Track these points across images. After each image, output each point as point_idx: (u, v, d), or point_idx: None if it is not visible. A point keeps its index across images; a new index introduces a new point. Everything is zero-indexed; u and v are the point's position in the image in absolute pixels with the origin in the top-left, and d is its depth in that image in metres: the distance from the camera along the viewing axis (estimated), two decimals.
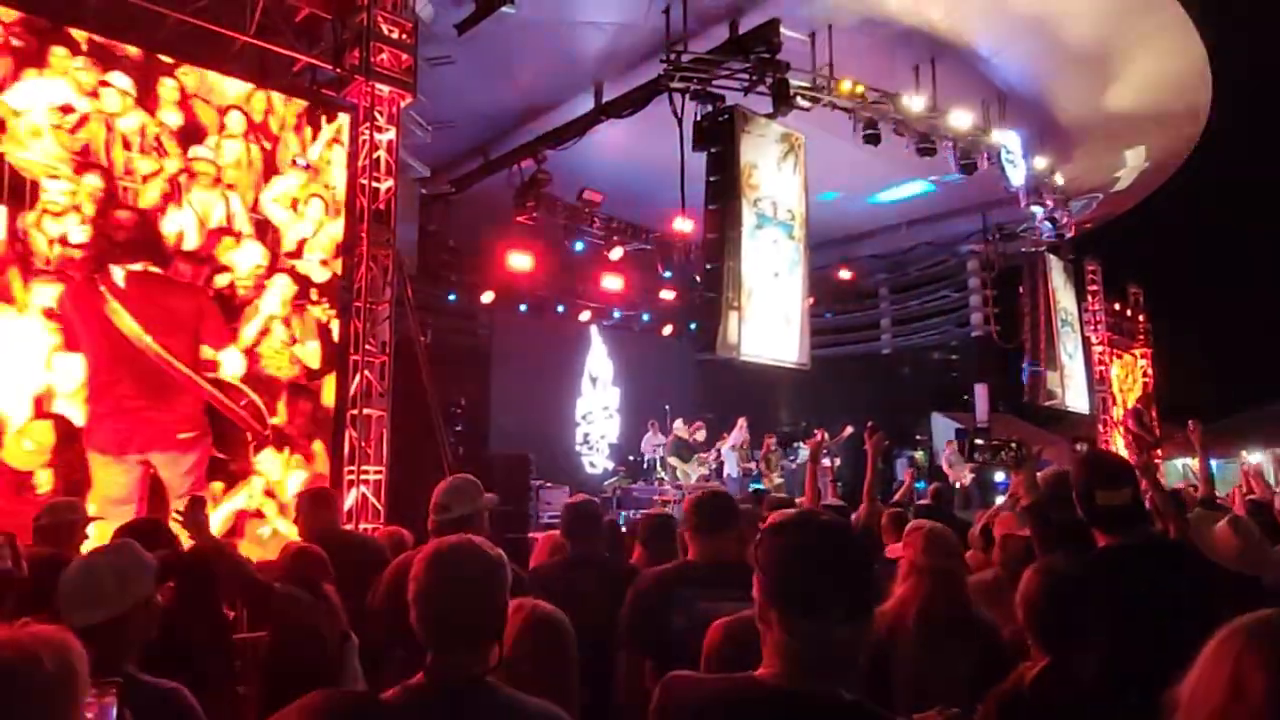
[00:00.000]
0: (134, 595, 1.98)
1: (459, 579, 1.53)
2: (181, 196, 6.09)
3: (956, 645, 2.47)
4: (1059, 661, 2.04)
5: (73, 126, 5.70)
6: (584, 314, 15.10)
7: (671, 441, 11.68)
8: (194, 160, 6.14)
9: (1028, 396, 13.81)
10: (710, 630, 2.20)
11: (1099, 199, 13.81)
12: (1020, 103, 11.02)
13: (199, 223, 6.18)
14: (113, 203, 5.79)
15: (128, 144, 5.95)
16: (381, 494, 6.57)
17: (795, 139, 9.65)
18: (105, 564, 2.04)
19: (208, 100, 6.26)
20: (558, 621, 1.95)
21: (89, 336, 5.59)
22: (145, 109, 5.96)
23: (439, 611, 1.52)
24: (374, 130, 6.80)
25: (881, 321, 17.18)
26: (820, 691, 1.31)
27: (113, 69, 5.83)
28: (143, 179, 5.97)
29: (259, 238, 6.43)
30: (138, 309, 5.74)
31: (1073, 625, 2.06)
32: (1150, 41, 10.04)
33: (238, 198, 6.36)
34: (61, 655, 1.17)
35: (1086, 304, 15.79)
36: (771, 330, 9.29)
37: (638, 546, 3.91)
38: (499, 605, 1.58)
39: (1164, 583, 2.31)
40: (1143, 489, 2.71)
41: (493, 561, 1.58)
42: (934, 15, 9.20)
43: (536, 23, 8.63)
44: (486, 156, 11.62)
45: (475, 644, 1.53)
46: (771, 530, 1.41)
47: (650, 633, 2.55)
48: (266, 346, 6.48)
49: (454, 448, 9.10)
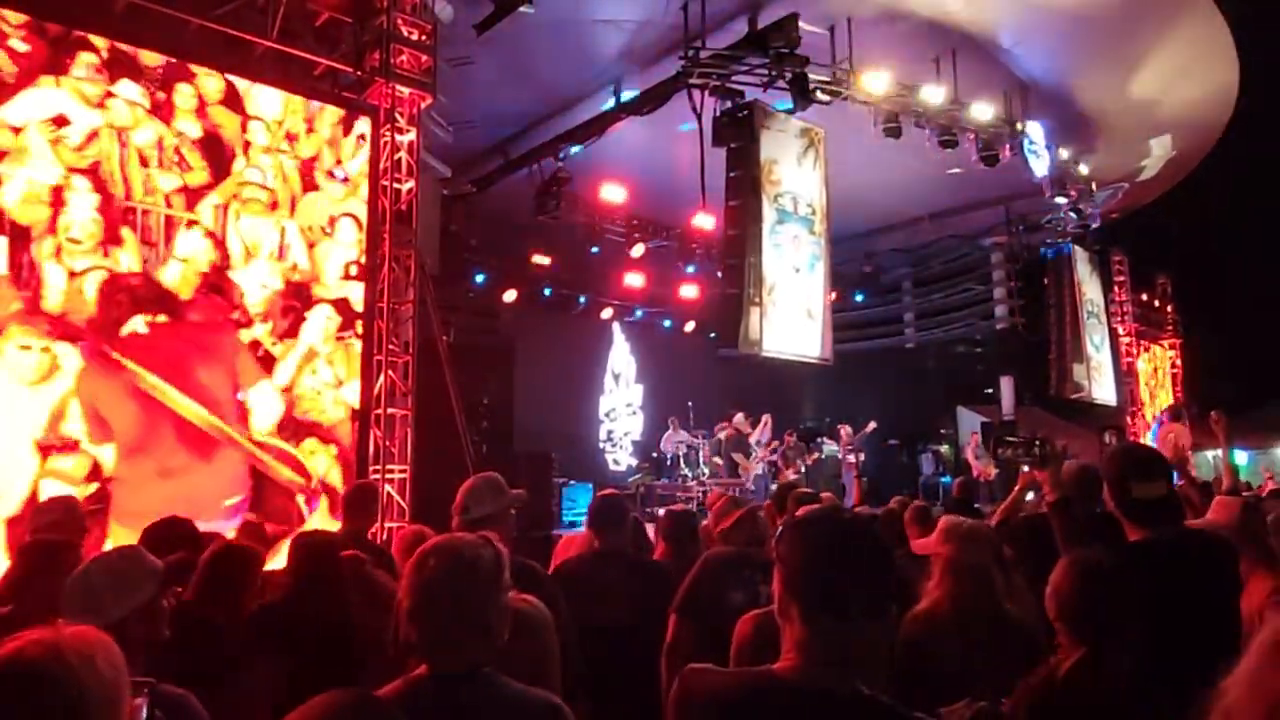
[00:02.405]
0: (130, 602, 1.96)
1: (442, 578, 1.59)
2: (219, 219, 5.77)
3: (994, 642, 2.45)
4: (1093, 654, 2.01)
5: (80, 143, 5.34)
6: (606, 311, 15.12)
7: (734, 436, 11.66)
8: (244, 185, 5.82)
9: (1054, 389, 13.66)
10: (740, 623, 2.22)
11: (1125, 188, 13.61)
12: (1043, 93, 10.89)
13: (245, 252, 5.89)
14: (114, 230, 5.39)
15: (144, 159, 5.60)
16: (406, 492, 6.64)
17: (815, 134, 9.61)
18: (102, 570, 2.03)
19: (233, 109, 5.98)
20: (536, 614, 1.97)
21: (114, 401, 5.24)
22: (160, 118, 5.69)
23: (425, 610, 1.58)
24: (395, 131, 6.86)
25: (905, 315, 17.05)
26: (838, 686, 1.31)
27: (124, 77, 5.53)
28: (165, 198, 5.62)
29: (296, 262, 6.13)
30: (167, 360, 5.39)
31: (1107, 618, 2.03)
32: (1174, 27, 9.87)
33: (294, 226, 6.04)
34: (110, 657, 1.20)
35: (1113, 295, 15.58)
36: (793, 325, 9.26)
37: (660, 542, 3.95)
38: (487, 601, 1.61)
39: (1198, 576, 2.29)
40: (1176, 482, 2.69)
41: (479, 560, 1.63)
42: (954, 6, 9.11)
43: (555, 22, 8.65)
44: (507, 156, 11.67)
45: (466, 638, 1.58)
46: (793, 525, 1.43)
47: (707, 604, 2.62)
48: (307, 387, 6.13)
49: (478, 446, 9.16)
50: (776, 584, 1.40)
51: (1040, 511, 3.45)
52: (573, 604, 2.66)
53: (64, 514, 3.87)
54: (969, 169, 10.99)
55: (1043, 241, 14.12)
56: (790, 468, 11.90)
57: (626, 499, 4.29)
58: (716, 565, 2.71)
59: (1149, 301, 17.33)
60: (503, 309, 13.47)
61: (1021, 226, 14.22)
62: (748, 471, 11.25)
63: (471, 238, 12.77)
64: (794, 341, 9.28)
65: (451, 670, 1.56)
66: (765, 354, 8.83)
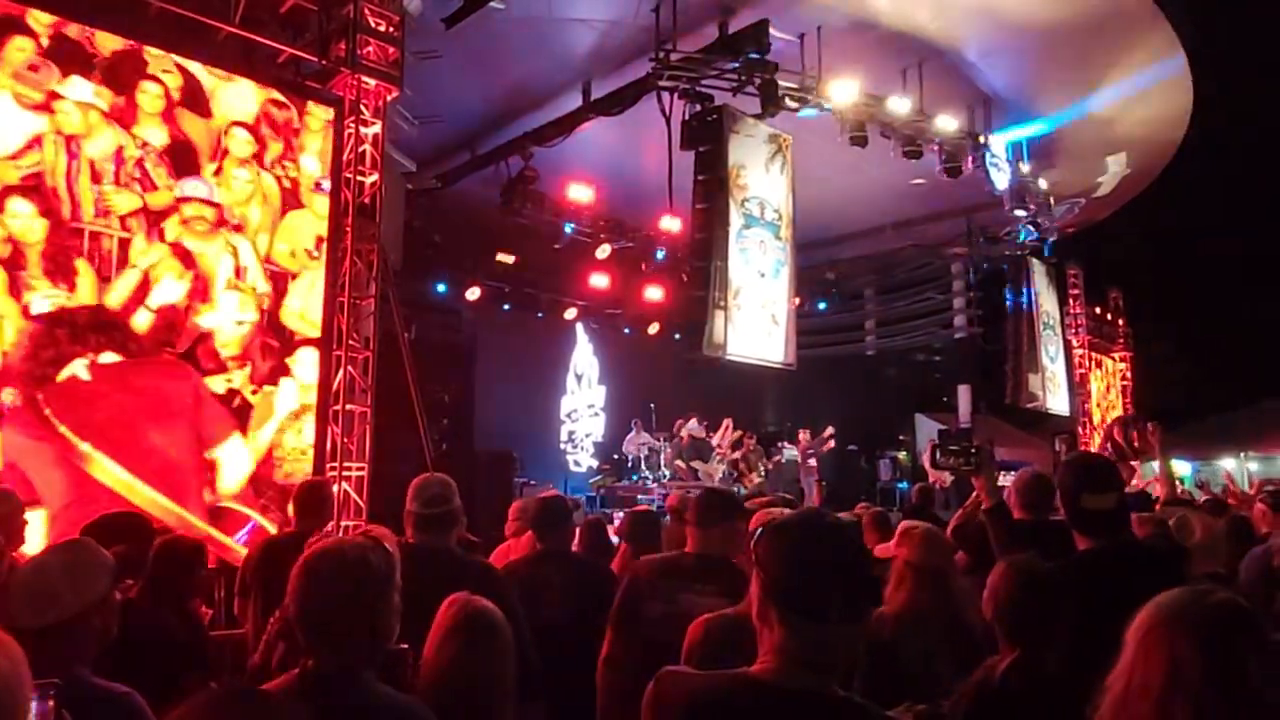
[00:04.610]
0: (88, 595, 1.92)
1: (322, 584, 1.62)
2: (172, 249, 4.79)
3: (951, 644, 2.50)
4: (1027, 654, 2.09)
5: (16, 151, 4.34)
6: (570, 311, 15.06)
7: (689, 443, 11.70)
8: (185, 201, 4.87)
9: (1010, 398, 13.93)
10: (692, 627, 2.23)
11: (1081, 204, 13.93)
12: (1006, 107, 11.10)
13: (197, 284, 4.97)
14: (67, 260, 4.37)
15: (97, 174, 4.64)
16: (364, 491, 6.53)
17: (783, 140, 9.67)
18: (57, 563, 1.98)
19: (202, 112, 5.13)
20: (490, 615, 1.96)
21: (40, 467, 4.34)
22: (120, 124, 4.79)
23: (305, 614, 1.62)
24: (359, 124, 6.74)
25: (866, 323, 17.26)
26: (815, 688, 1.32)
27: (75, 72, 4.60)
28: (121, 221, 4.69)
29: (277, 299, 5.29)
30: (112, 412, 4.49)
31: (1039, 620, 2.11)
32: (1133, 49, 10.14)
33: (248, 245, 5.13)
34: (9, 654, 1.14)
35: (1068, 308, 15.94)
36: (758, 330, 9.30)
37: (623, 542, 3.97)
38: (369, 607, 1.63)
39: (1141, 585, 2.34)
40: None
41: (365, 562, 1.65)
42: (923, 19, 9.24)
43: (525, 18, 8.59)
44: (473, 152, 11.56)
45: (344, 643, 1.61)
46: (774, 529, 1.42)
47: (629, 616, 2.64)
48: (291, 447, 5.39)
49: (438, 445, 9.06)
50: (754, 586, 1.40)
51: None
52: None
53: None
54: (933, 180, 11.17)
55: (1002, 253, 14.39)
56: (752, 472, 11.96)
57: (572, 501, 4.28)
58: (640, 576, 2.73)
59: (1101, 315, 17.77)
60: (466, 307, 13.35)
61: (982, 238, 14.47)
62: (710, 477, 11.29)
63: (435, 234, 12.63)
64: (758, 346, 9.32)
65: (327, 671, 1.59)
66: (729, 358, 8.85)
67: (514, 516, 4.37)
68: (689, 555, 2.74)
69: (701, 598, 2.46)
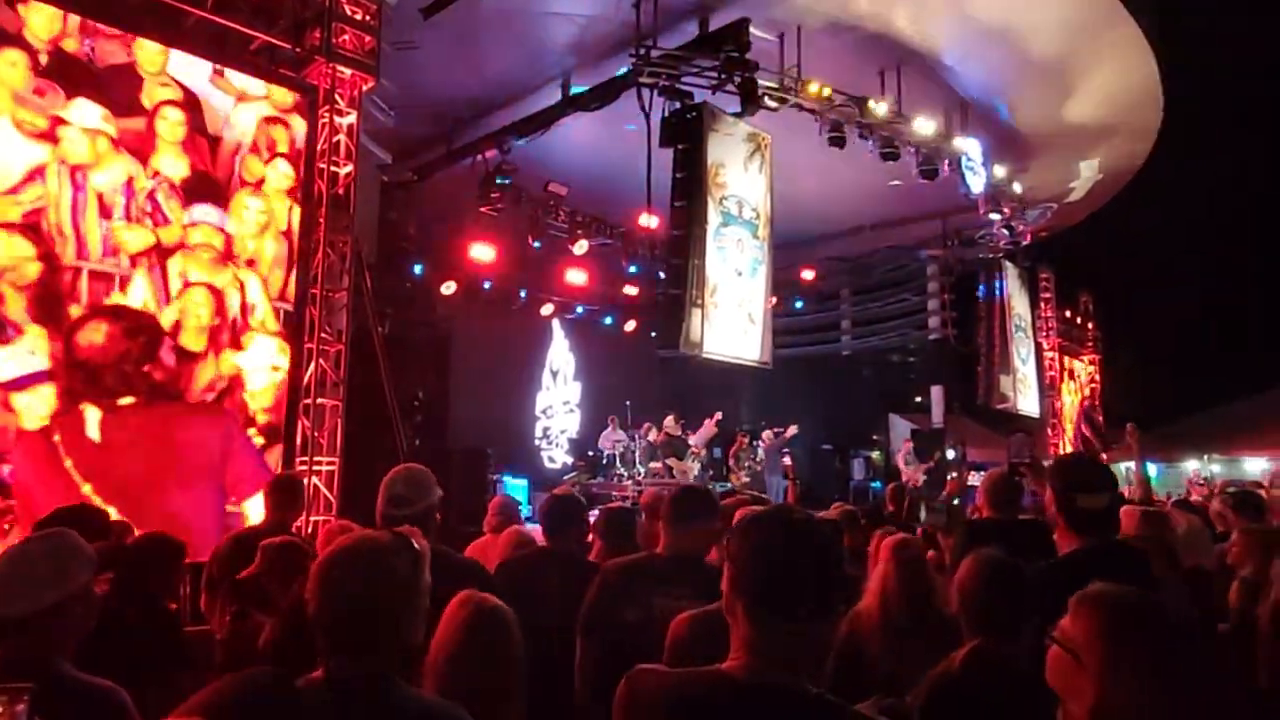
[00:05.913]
0: (71, 584, 1.84)
1: (343, 585, 1.53)
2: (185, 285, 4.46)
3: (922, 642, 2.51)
4: (987, 644, 2.15)
5: (16, 184, 3.96)
6: (546, 307, 15.00)
7: (663, 440, 11.70)
8: (193, 227, 4.57)
9: (982, 399, 14.09)
10: (675, 624, 2.21)
11: (1054, 208, 14.12)
12: (981, 111, 11.21)
13: (218, 318, 4.69)
14: (64, 304, 4.01)
15: (106, 208, 4.31)
16: (334, 486, 6.45)
17: (762, 139, 9.68)
18: (41, 550, 1.89)
19: (214, 135, 4.65)
20: (502, 614, 1.91)
21: (43, 501, 4.07)
22: (137, 154, 4.38)
23: (325, 616, 1.52)
24: (334, 113, 6.65)
25: (842, 323, 17.38)
26: (786, 685, 1.32)
27: (81, 94, 4.23)
28: (131, 260, 4.36)
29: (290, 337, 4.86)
30: (128, 462, 4.19)
31: (1003, 610, 2.18)
32: (1106, 57, 10.29)
33: (256, 281, 4.84)
34: None
35: (1039, 310, 16.15)
36: (734, 329, 9.32)
37: (596, 540, 3.92)
38: (392, 608, 1.54)
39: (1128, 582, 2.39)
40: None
41: (385, 566, 1.55)
42: (901, 22, 9.30)
43: (505, 11, 8.52)
44: (450, 145, 11.45)
45: (366, 646, 1.52)
46: (743, 525, 1.42)
47: (602, 623, 2.58)
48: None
49: (411, 439, 8.97)
50: (725, 583, 1.39)
51: (973, 518, 3.66)
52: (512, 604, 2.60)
53: None
54: (909, 182, 11.25)
55: (976, 256, 14.55)
56: (741, 470, 12.01)
57: (584, 502, 4.20)
58: (609, 580, 2.68)
59: (1072, 318, 18.02)
60: (440, 301, 13.23)
61: (957, 240, 14.63)
62: (685, 474, 11.30)
63: (410, 227, 12.48)
64: (734, 344, 9.33)
65: (347, 676, 1.49)
66: (705, 356, 8.86)
67: (494, 512, 4.32)
68: (660, 556, 2.70)
69: (673, 600, 2.43)
